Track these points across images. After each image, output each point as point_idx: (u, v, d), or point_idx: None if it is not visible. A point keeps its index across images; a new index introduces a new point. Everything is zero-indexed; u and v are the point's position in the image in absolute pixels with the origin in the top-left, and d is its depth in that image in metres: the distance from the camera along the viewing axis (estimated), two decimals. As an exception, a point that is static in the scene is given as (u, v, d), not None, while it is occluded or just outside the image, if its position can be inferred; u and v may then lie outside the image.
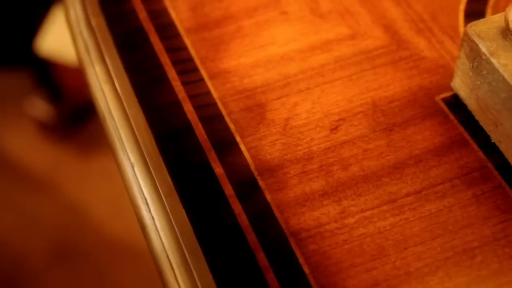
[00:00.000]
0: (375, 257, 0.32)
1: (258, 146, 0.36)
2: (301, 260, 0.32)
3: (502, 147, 0.35)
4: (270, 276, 0.32)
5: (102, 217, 1.33)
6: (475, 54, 0.34)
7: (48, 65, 1.41)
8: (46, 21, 1.31)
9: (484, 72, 0.34)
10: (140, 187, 0.36)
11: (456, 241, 0.33)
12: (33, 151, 1.46)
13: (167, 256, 0.34)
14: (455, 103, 0.37)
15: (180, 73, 0.39)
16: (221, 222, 0.33)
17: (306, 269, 0.32)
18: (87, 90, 0.41)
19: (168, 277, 0.34)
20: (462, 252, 0.32)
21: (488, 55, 0.33)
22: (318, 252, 0.32)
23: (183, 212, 0.34)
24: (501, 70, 0.33)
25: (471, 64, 0.35)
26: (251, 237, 0.33)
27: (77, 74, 1.40)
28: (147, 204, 0.35)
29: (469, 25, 0.35)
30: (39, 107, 1.44)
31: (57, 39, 1.34)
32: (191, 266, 0.33)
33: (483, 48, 0.34)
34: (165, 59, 0.39)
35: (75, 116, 1.46)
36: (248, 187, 0.35)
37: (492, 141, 0.35)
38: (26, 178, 1.41)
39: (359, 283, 0.31)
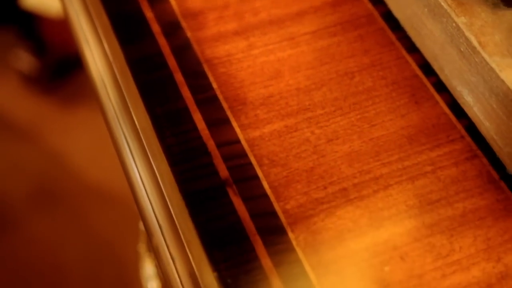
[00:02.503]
0: (272, 77, 0.39)
1: (184, -2, 0.43)
2: (211, 79, 0.39)
3: (386, -2, 0.42)
4: (185, 90, 0.38)
5: (82, 165, 1.39)
6: None
7: (32, 19, 1.46)
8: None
9: None
10: (84, 31, 0.43)
11: (340, 67, 0.39)
12: (17, 102, 1.51)
13: (102, 80, 0.40)
14: (353, -32, 0.44)
15: None
16: (147, 51, 0.40)
17: (214, 85, 0.39)
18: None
19: (103, 98, 0.40)
20: (344, 75, 0.39)
21: None
22: (226, 73, 0.39)
23: (117, 46, 0.41)
24: None
25: None
26: (172, 62, 0.40)
27: (61, 27, 1.46)
28: (88, 43, 0.42)
29: None
30: (24, 60, 1.49)
31: (41, -9, 1.39)
32: (122, 87, 0.39)
33: None
34: None
35: (59, 69, 1.51)
36: (172, 27, 0.41)
37: (379, -5, 0.42)
38: (10, 127, 1.46)
39: (257, 95, 0.38)
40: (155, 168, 0.36)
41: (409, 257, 0.32)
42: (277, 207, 0.34)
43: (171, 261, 0.34)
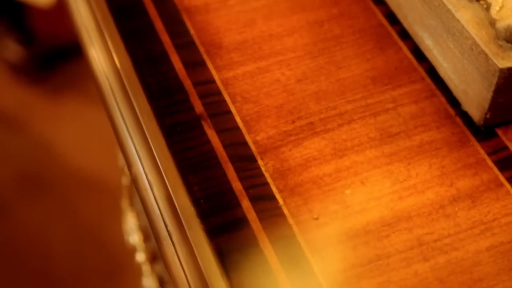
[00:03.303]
0: (246, 25, 0.42)
1: (165, -46, 0.45)
2: (189, 25, 0.41)
3: (355, -45, 0.44)
4: (164, 35, 0.41)
5: (69, 153, 1.40)
6: None
7: (20, 8, 1.48)
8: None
9: None
10: (69, -17, 0.45)
11: (311, 16, 0.42)
12: (5, 91, 1.52)
13: (86, 27, 0.43)
14: None
15: None
16: (129, 0, 0.42)
17: (192, 31, 0.41)
18: None
19: (87, 43, 0.42)
20: (313, 23, 0.42)
21: None
22: (203, 21, 0.42)
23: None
24: None
25: None
26: (152, 10, 0.42)
27: (50, 17, 1.48)
28: (76, 5, 0.44)
29: None
30: (12, 50, 1.50)
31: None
32: (105, 33, 0.42)
33: None
34: None
35: (47, 60, 1.52)
36: (153, -21, 0.44)
37: (349, -47, 0.45)
38: (-3, 116, 1.47)
39: (232, 40, 0.41)
40: (134, 103, 0.38)
41: (369, 182, 0.35)
42: (248, 138, 0.36)
43: (149, 187, 0.36)
